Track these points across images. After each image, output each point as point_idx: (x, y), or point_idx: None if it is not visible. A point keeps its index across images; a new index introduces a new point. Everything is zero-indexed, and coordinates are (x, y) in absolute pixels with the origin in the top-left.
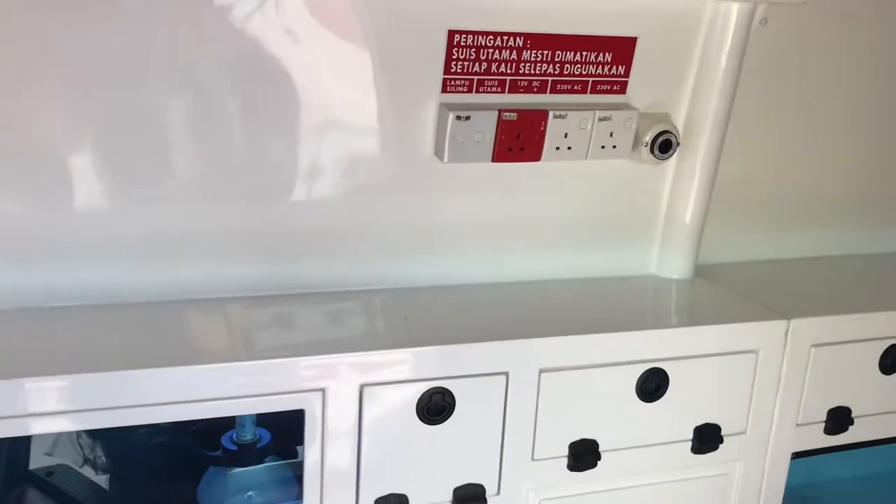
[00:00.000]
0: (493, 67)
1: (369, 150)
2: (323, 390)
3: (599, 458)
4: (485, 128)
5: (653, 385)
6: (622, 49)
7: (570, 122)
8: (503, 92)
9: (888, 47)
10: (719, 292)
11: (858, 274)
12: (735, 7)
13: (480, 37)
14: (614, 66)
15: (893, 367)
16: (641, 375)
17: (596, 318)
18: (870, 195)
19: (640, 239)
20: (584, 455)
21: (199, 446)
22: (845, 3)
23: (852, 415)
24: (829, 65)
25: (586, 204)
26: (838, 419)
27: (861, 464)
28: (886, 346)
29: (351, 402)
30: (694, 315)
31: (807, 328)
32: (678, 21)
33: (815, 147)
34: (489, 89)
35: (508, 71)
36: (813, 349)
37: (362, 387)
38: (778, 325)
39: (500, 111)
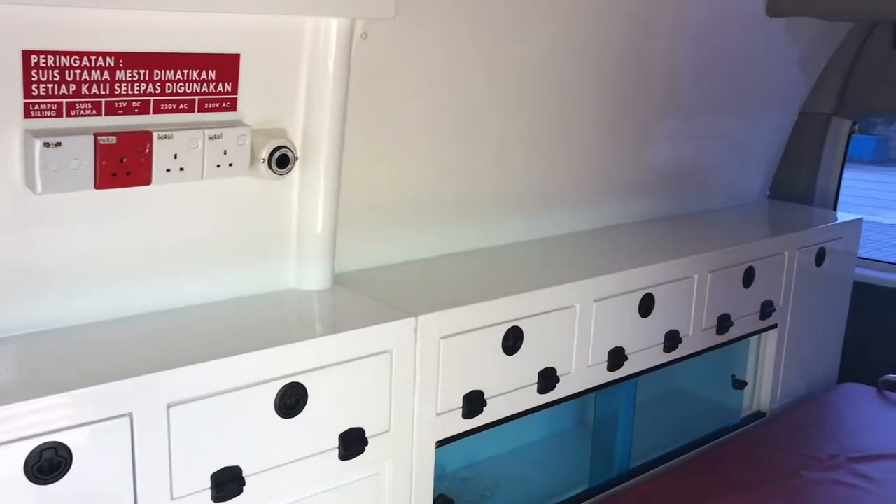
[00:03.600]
0: (84, 89)
1: None
2: None
3: (244, 484)
4: (81, 153)
5: (292, 400)
6: (226, 66)
7: (178, 142)
8: (99, 115)
9: (480, 53)
10: (354, 299)
11: (478, 267)
12: (334, 23)
13: (64, 57)
14: (220, 84)
15: (515, 348)
16: (279, 392)
17: (228, 340)
18: (487, 193)
19: (276, 254)
20: (227, 484)
21: None
22: (439, 15)
23: (485, 397)
24: (430, 72)
25: (211, 225)
26: (473, 403)
27: (512, 437)
28: (506, 328)
29: None
30: (327, 325)
31: (434, 322)
32: (281, 37)
33: (431, 150)
34: (82, 112)
35: (102, 92)
36: (442, 341)
37: None
38: (407, 324)
39: (96, 135)
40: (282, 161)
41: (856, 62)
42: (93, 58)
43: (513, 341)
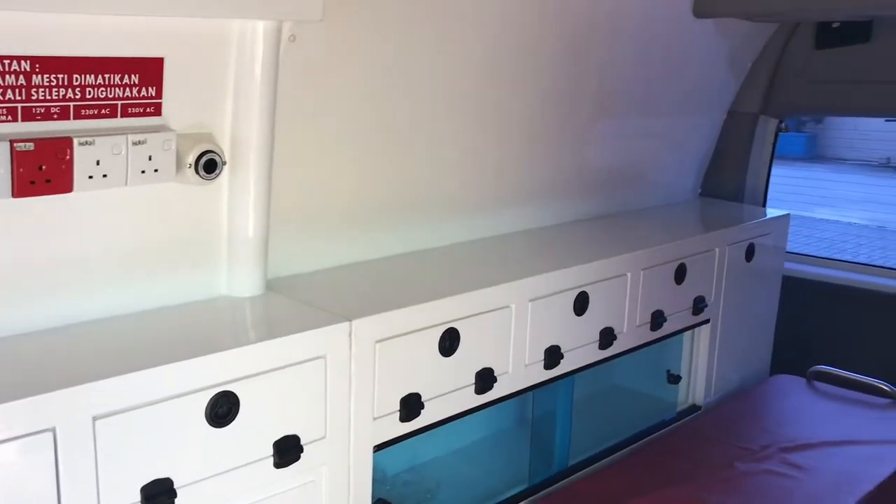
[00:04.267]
0: None
1: None
2: None
3: (176, 496)
4: None
5: (224, 409)
6: (149, 70)
7: (100, 148)
8: (15, 121)
9: (415, 55)
10: (287, 304)
11: (415, 269)
12: (261, 25)
13: None
14: (144, 88)
15: (452, 349)
16: (210, 401)
17: (156, 350)
18: (424, 195)
19: (206, 261)
20: (157, 497)
21: None
22: (370, 16)
23: (423, 399)
24: (364, 73)
25: (139, 232)
26: (411, 406)
27: (453, 438)
28: (443, 330)
29: None
30: (258, 332)
31: (369, 326)
32: (207, 40)
33: (366, 152)
34: None
35: (18, 98)
36: (377, 345)
37: None
38: (341, 328)
39: (12, 142)
40: (209, 166)
41: (780, 62)
42: (6, 62)
43: (449, 343)
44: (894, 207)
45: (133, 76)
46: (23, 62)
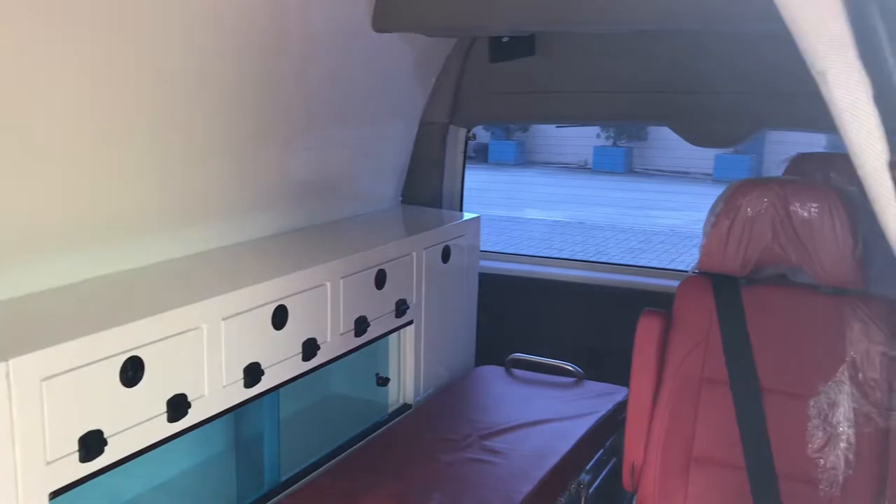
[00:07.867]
0: None
1: None
2: None
3: None
4: None
5: None
6: None
7: None
8: None
9: (84, 62)
10: None
11: (86, 297)
12: None
13: None
14: None
15: (136, 378)
16: None
17: None
18: (92, 215)
19: None
20: None
21: None
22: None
23: (105, 435)
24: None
25: None
26: (91, 444)
27: (158, 471)
28: (124, 359)
29: None
30: None
31: (31, 364)
32: None
33: (17, 172)
34: None
35: None
36: (44, 383)
37: None
38: None
39: None
40: None
41: (462, 75)
42: None
43: (132, 372)
44: (590, 206)
45: None
46: None
